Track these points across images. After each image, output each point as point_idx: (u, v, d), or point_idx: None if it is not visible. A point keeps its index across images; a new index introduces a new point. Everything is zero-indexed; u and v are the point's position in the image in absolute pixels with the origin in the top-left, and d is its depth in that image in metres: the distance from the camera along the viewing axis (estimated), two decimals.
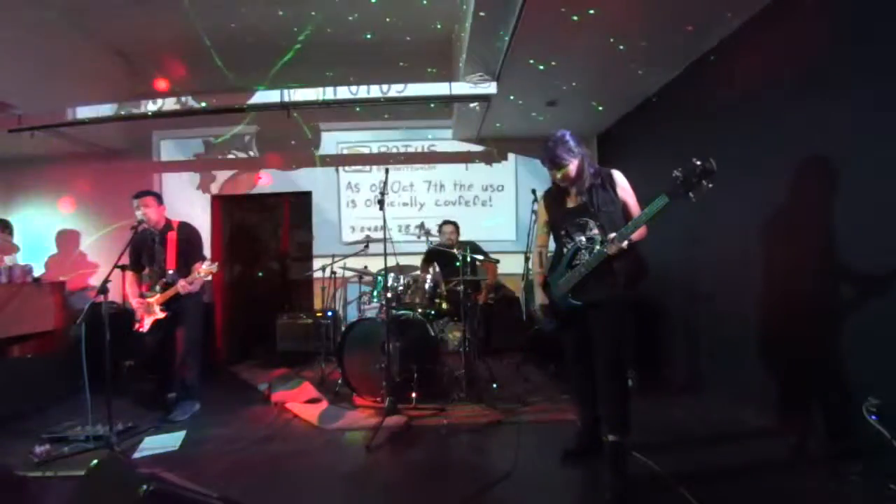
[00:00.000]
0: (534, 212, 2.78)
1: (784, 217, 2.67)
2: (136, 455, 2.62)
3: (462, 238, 4.61)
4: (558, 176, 2.26)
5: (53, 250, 5.56)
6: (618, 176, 2.29)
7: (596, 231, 2.22)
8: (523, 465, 2.39)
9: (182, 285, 3.17)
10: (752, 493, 2.09)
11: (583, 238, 2.26)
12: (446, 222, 4.60)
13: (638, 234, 2.13)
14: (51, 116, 4.30)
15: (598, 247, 2.16)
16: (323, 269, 4.72)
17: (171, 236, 3.35)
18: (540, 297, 2.50)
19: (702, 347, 3.49)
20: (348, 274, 4.61)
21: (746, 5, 2.80)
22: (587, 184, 2.25)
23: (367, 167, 5.66)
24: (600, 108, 4.47)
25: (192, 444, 2.77)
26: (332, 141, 5.70)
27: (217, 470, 2.43)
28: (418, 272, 3.90)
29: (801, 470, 2.25)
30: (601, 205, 2.21)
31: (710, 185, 1.89)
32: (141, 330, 3.29)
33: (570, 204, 2.33)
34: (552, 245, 2.47)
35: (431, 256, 4.32)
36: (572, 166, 2.22)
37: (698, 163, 1.90)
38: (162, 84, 4.62)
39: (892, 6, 2.06)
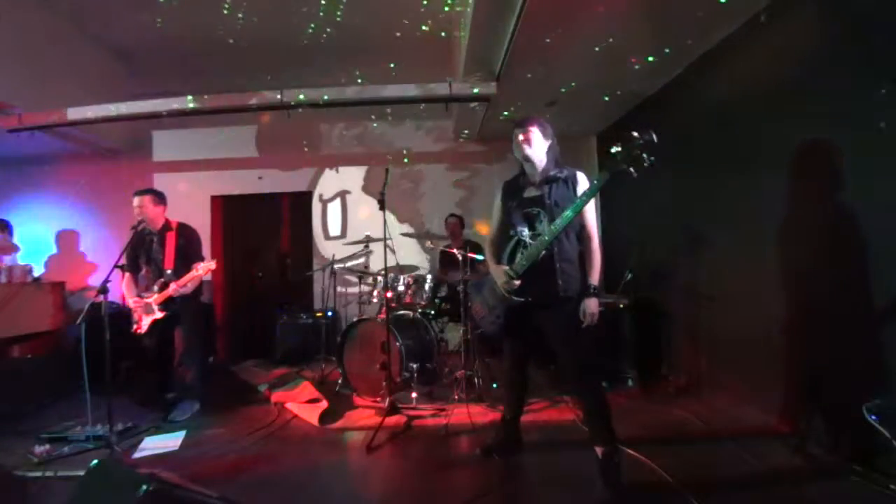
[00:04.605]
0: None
1: (785, 217, 2.67)
2: (136, 455, 2.63)
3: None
4: (520, 138, 2.24)
5: (53, 250, 5.56)
6: (581, 178, 2.24)
7: (545, 225, 2.16)
8: (523, 464, 2.39)
9: (173, 288, 3.17)
10: (752, 493, 2.09)
11: (526, 230, 2.21)
12: (451, 215, 4.74)
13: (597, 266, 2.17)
14: (51, 116, 4.29)
15: (544, 237, 2.11)
16: (323, 268, 4.72)
17: (170, 236, 3.35)
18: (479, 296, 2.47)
19: (703, 347, 3.49)
20: (348, 274, 4.62)
21: (746, 5, 2.79)
22: (548, 174, 2.23)
23: (367, 166, 5.68)
24: (601, 105, 4.46)
25: (192, 444, 2.77)
26: (332, 140, 5.71)
27: (217, 470, 2.43)
28: (420, 271, 3.91)
29: (802, 470, 2.25)
30: (557, 200, 2.17)
31: (652, 159, 1.86)
32: (139, 331, 3.28)
33: (526, 194, 2.30)
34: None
35: (443, 258, 4.40)
36: (535, 136, 2.22)
37: (636, 135, 1.87)
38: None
39: (892, 6, 2.06)
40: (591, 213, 2.23)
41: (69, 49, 4.41)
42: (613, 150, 1.96)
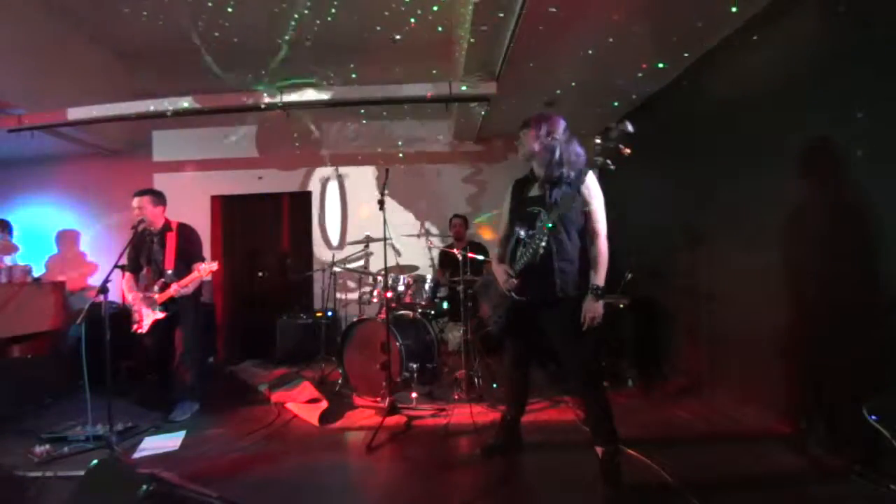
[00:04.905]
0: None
1: (785, 217, 2.67)
2: (136, 455, 2.63)
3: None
4: (520, 135, 2.27)
5: (53, 250, 5.56)
6: (589, 176, 2.15)
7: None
8: (523, 464, 2.39)
9: (175, 289, 3.17)
10: (752, 493, 2.09)
11: (522, 231, 2.21)
12: (455, 216, 4.73)
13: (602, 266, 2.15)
14: (51, 116, 4.30)
15: (537, 236, 2.10)
16: (323, 269, 4.72)
17: (170, 237, 3.34)
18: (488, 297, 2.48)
19: (703, 347, 3.49)
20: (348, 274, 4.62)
21: (746, 5, 2.79)
22: (552, 174, 2.18)
23: (367, 167, 5.68)
24: (601, 105, 4.46)
25: (192, 444, 2.77)
26: (332, 140, 5.71)
27: (217, 470, 2.43)
28: (419, 271, 3.91)
29: (802, 470, 2.25)
30: (559, 200, 2.13)
31: (629, 151, 1.88)
32: (139, 331, 3.28)
33: (530, 193, 2.29)
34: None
35: (443, 259, 4.41)
36: (529, 136, 2.23)
37: (612, 126, 1.90)
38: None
39: (892, 5, 2.06)
40: (599, 210, 2.18)
41: (69, 49, 4.41)
42: (595, 142, 1.98)
